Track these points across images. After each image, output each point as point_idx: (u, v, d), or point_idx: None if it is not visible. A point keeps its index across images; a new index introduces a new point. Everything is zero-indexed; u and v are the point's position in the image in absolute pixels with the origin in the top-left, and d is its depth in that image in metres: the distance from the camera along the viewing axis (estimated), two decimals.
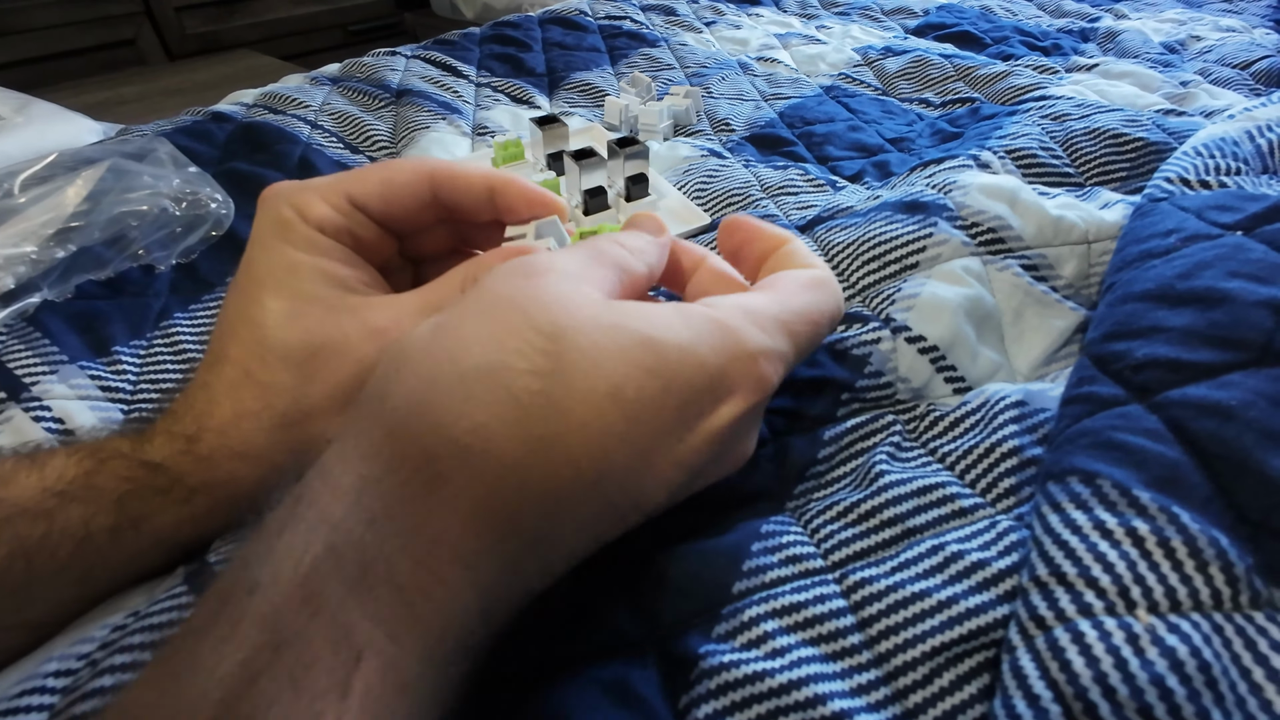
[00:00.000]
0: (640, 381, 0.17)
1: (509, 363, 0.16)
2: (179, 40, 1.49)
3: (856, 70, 0.67)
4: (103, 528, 0.21)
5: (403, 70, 0.67)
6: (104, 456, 0.22)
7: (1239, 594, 0.17)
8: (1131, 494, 0.18)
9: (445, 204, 0.25)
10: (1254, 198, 0.28)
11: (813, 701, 0.18)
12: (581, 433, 0.16)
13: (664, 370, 0.17)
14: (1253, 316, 0.22)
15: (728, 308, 0.20)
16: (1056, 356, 0.30)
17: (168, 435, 0.22)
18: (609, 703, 0.19)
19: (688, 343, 0.18)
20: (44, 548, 0.20)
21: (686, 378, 0.18)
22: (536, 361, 0.16)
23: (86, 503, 0.21)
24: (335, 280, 0.23)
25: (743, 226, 0.25)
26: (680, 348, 0.18)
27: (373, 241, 0.25)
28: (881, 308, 0.30)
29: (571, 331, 0.17)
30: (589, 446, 0.16)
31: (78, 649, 0.21)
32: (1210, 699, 0.15)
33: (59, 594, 0.22)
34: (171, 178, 0.43)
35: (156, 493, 0.22)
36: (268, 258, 0.23)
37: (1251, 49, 0.66)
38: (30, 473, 0.21)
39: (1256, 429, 0.19)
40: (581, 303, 0.18)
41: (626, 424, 0.17)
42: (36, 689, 0.20)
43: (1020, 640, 0.17)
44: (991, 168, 0.40)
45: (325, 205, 0.23)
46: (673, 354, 0.18)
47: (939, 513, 0.22)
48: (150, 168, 0.43)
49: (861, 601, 0.20)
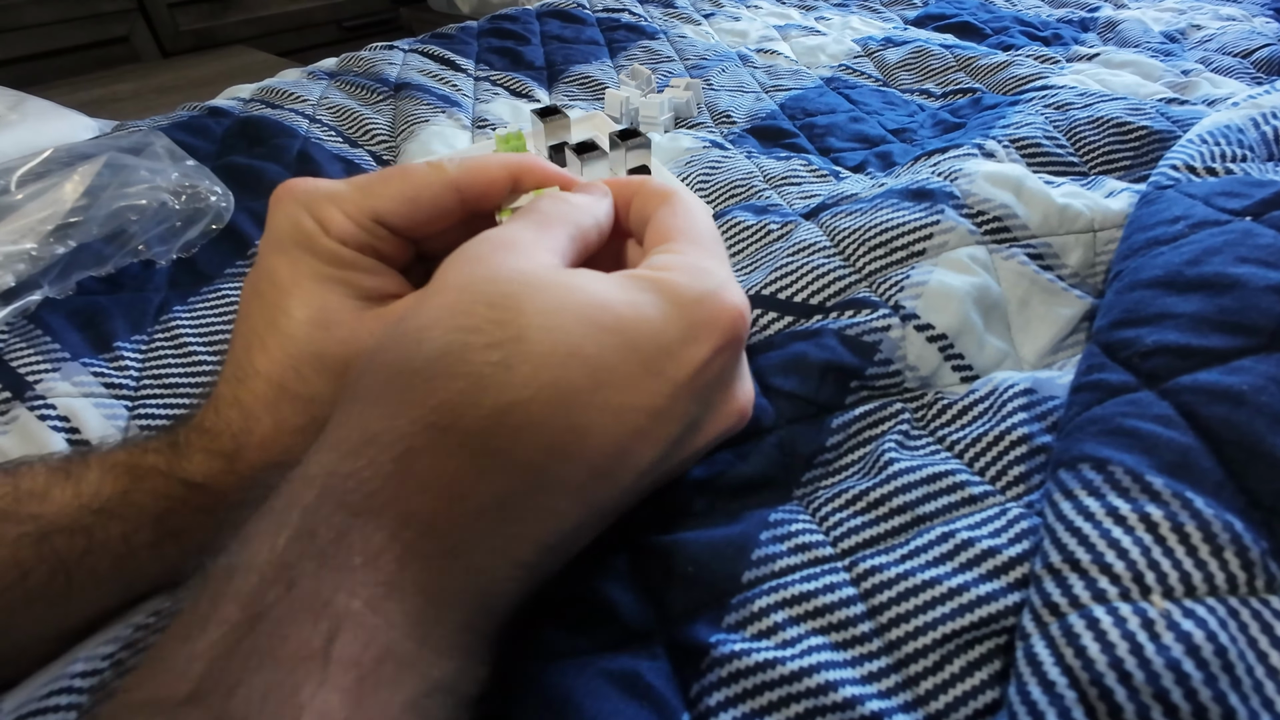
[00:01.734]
0: (599, 339, 0.17)
1: (467, 340, 0.16)
2: (173, 37, 1.48)
3: (857, 61, 0.66)
4: (144, 543, 0.21)
5: (400, 64, 0.67)
6: (140, 473, 0.21)
7: (1254, 578, 0.17)
8: (1144, 479, 0.18)
9: (471, 205, 0.25)
10: (1261, 184, 0.28)
11: (823, 688, 0.18)
12: (547, 394, 0.16)
13: (621, 326, 0.18)
14: (1263, 302, 0.22)
15: (669, 265, 0.20)
16: (1063, 345, 0.30)
17: (206, 454, 0.22)
18: (619, 692, 0.19)
19: (641, 299, 0.18)
20: (84, 564, 0.20)
21: (644, 329, 0.18)
22: (493, 334, 0.16)
23: (126, 520, 0.21)
24: (362, 291, 0.23)
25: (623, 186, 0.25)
26: (633, 303, 0.18)
27: (395, 251, 0.24)
28: (890, 295, 0.30)
29: (523, 299, 0.17)
30: (555, 408, 0.16)
31: (103, 649, 0.21)
32: (1227, 683, 0.15)
33: (99, 604, 0.22)
34: (169, 171, 0.43)
35: (199, 511, 0.22)
36: (293, 268, 0.22)
37: (1252, 37, 0.66)
38: (65, 487, 0.21)
39: (1268, 414, 0.19)
40: (531, 270, 0.18)
41: (591, 381, 0.17)
42: (64, 689, 0.20)
43: (1034, 627, 0.17)
44: (996, 156, 0.40)
45: (349, 222, 0.23)
46: (626, 310, 0.18)
47: (948, 500, 0.22)
48: (148, 162, 0.43)
49: (871, 589, 0.20)
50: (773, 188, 0.43)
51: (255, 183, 0.46)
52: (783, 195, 0.42)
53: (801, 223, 0.36)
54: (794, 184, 0.43)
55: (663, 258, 0.20)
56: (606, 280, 0.19)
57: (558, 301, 0.17)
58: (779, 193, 0.42)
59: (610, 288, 0.18)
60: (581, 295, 0.18)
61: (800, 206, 0.40)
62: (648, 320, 0.18)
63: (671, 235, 0.22)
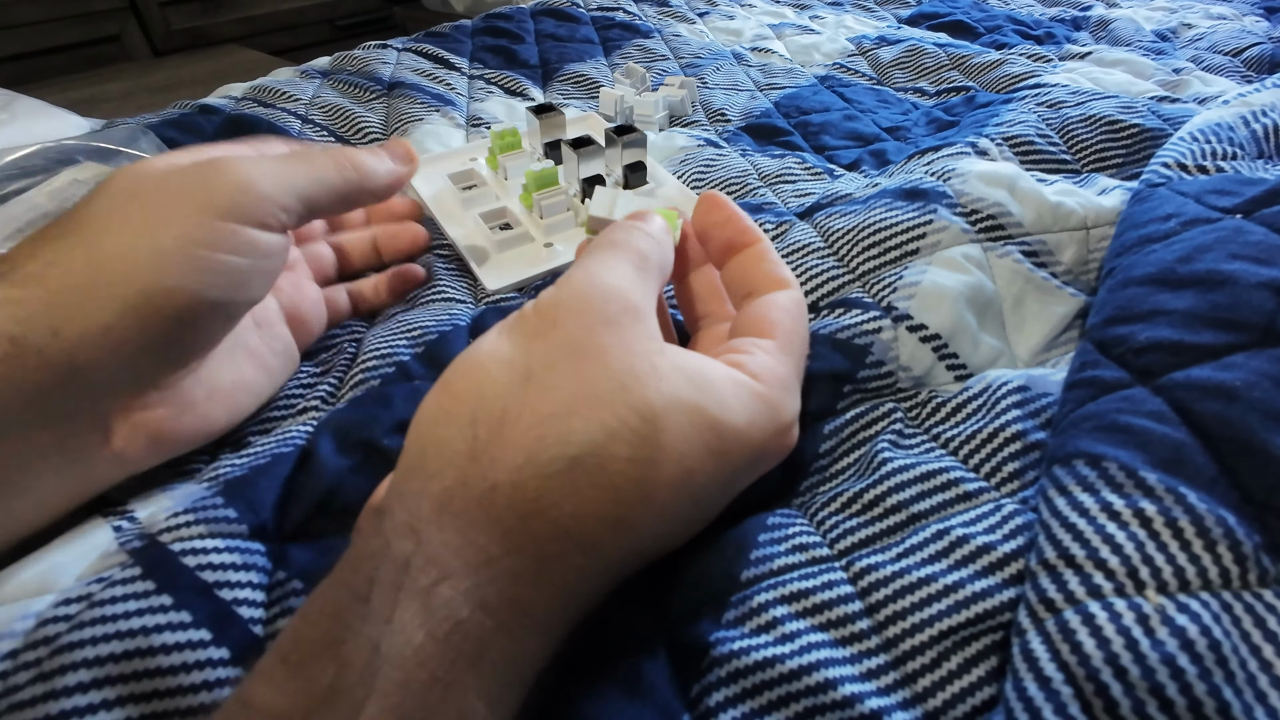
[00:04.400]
0: (707, 465, 0.18)
1: (610, 449, 0.17)
2: (164, 36, 1.47)
3: (851, 60, 0.67)
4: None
5: (394, 63, 0.66)
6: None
7: (1247, 572, 0.17)
8: (1138, 475, 0.18)
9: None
10: (1252, 181, 0.28)
11: (824, 686, 0.18)
12: (657, 515, 0.17)
13: (724, 452, 0.19)
14: (1254, 298, 0.22)
15: (767, 377, 0.21)
16: (1057, 342, 0.30)
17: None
18: (620, 693, 0.19)
19: (744, 425, 0.19)
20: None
21: (740, 457, 0.19)
22: (634, 447, 0.17)
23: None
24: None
25: (721, 207, 0.26)
26: (738, 432, 0.19)
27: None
28: (883, 295, 0.30)
29: (663, 416, 0.18)
30: (658, 526, 0.18)
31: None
32: (1221, 677, 0.15)
33: None
34: None
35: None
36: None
37: (1242, 36, 0.66)
38: None
39: (1260, 409, 0.19)
40: (665, 374, 0.19)
41: (691, 506, 0.18)
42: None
43: (1030, 623, 0.17)
44: (990, 155, 0.40)
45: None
46: (731, 437, 0.19)
47: (943, 497, 0.22)
48: (134, 156, 0.43)
49: (868, 587, 0.20)
50: (767, 186, 0.43)
51: None
52: (778, 193, 0.42)
53: (796, 223, 0.36)
54: (789, 182, 0.43)
55: (766, 360, 0.21)
56: (719, 387, 0.19)
57: (686, 424, 0.18)
58: (774, 190, 0.42)
59: (721, 403, 0.19)
60: (701, 419, 0.18)
61: (795, 205, 0.40)
62: (744, 447, 0.19)
63: (775, 333, 0.22)
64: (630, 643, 0.20)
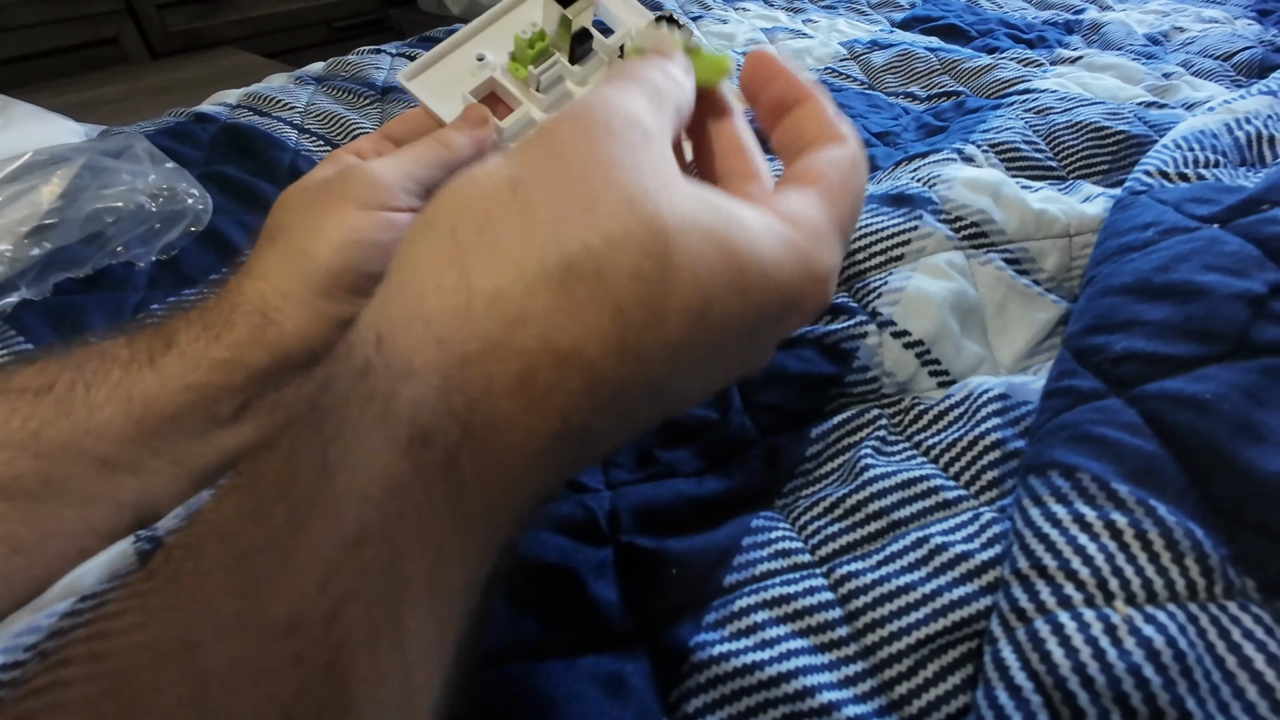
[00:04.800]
0: (727, 301, 0.16)
1: (611, 259, 0.15)
2: (162, 38, 1.47)
3: (843, 64, 0.67)
4: None
5: (388, 69, 0.67)
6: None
7: (1213, 584, 0.17)
8: (1110, 487, 0.19)
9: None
10: (1230, 190, 0.28)
11: (802, 694, 0.18)
12: (669, 348, 0.15)
13: (748, 290, 0.16)
14: (1227, 310, 0.22)
15: (799, 221, 0.18)
16: (1039, 349, 0.31)
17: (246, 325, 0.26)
18: (601, 694, 0.19)
19: (771, 265, 0.17)
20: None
21: (766, 299, 0.17)
22: (642, 264, 0.15)
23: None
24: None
25: (768, 64, 0.23)
26: (764, 269, 0.17)
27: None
28: (868, 301, 0.30)
29: (675, 234, 0.15)
30: (670, 362, 0.15)
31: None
32: (1185, 687, 0.15)
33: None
34: (148, 174, 0.43)
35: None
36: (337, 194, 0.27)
37: (1233, 40, 0.66)
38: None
39: (1231, 422, 0.19)
40: (679, 194, 0.16)
41: (707, 344, 0.16)
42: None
43: (1002, 632, 0.18)
44: (975, 161, 0.40)
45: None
46: (756, 272, 0.17)
47: (923, 505, 0.23)
48: (128, 164, 0.43)
49: (849, 595, 0.21)
50: None
51: (249, 198, 0.46)
52: None
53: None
54: None
55: (801, 206, 0.19)
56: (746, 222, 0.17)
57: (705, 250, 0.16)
58: None
59: (748, 239, 0.17)
60: (722, 248, 0.16)
61: None
62: (771, 290, 0.17)
63: (825, 182, 0.20)
64: (613, 642, 0.21)
